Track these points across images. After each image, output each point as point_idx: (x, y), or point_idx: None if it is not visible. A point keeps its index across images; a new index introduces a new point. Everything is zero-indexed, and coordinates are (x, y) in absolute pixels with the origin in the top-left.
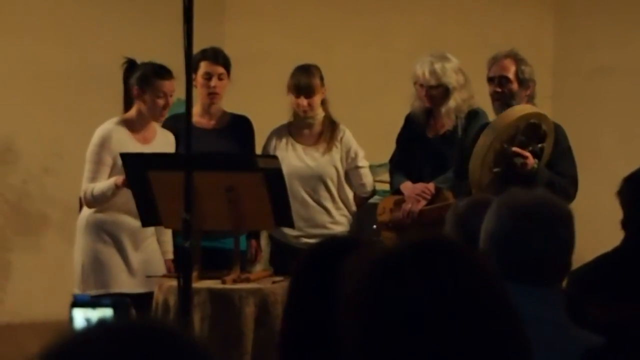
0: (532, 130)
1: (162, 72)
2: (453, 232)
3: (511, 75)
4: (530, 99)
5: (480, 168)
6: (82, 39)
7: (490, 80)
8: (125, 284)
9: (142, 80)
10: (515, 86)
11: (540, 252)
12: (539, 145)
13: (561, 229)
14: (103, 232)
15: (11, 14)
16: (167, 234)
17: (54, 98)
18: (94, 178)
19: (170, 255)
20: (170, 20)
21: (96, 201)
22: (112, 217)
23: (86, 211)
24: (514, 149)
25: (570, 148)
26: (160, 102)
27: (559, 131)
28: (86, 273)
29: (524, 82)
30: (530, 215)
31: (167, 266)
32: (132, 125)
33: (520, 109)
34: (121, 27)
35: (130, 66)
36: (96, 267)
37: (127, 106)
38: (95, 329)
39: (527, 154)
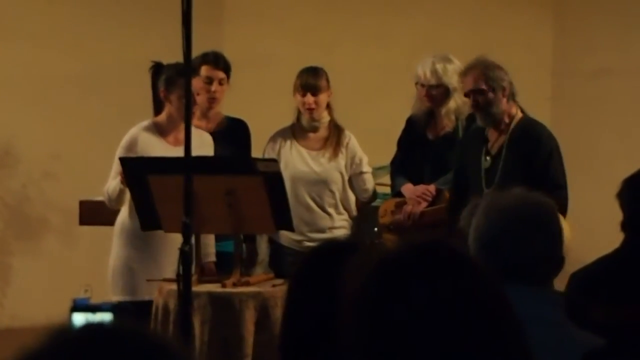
0: None
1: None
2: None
3: (483, 85)
4: (511, 98)
5: None
6: (82, 43)
7: (466, 95)
8: (153, 291)
9: (167, 81)
10: (490, 95)
11: (533, 251)
12: None
13: (550, 225)
14: (136, 238)
15: (11, 18)
16: (209, 237)
17: (53, 102)
18: (114, 178)
19: (212, 258)
20: (169, 23)
21: (110, 199)
22: None
23: (122, 216)
24: None
25: (557, 147)
26: None
27: (543, 133)
28: (115, 278)
29: (497, 87)
30: (520, 216)
31: (209, 269)
32: (162, 128)
33: None
34: (120, 30)
35: (158, 69)
36: (125, 273)
37: (157, 109)
38: (61, 336)
39: None
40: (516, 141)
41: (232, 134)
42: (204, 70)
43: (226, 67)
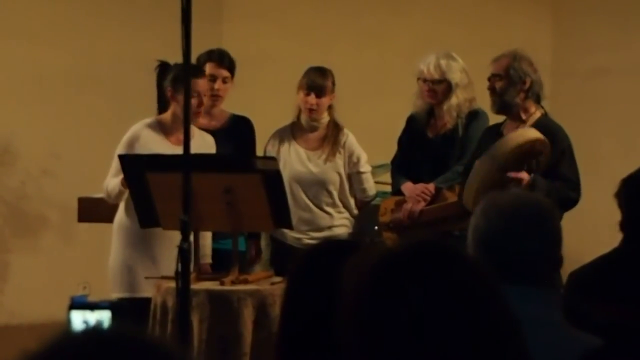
0: (528, 153)
1: (194, 71)
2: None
3: (501, 72)
4: (532, 96)
5: (474, 196)
6: (80, 40)
7: (489, 79)
8: (152, 289)
9: (174, 80)
10: (506, 83)
11: (532, 251)
12: (535, 161)
13: (549, 224)
14: (134, 236)
15: (9, 16)
16: (207, 238)
17: (52, 99)
18: (115, 175)
19: (208, 260)
20: (168, 21)
21: (110, 196)
22: None
23: (120, 214)
24: (509, 174)
25: (570, 147)
26: (194, 101)
27: (558, 133)
28: (115, 275)
29: (517, 79)
30: (518, 215)
31: (205, 270)
32: (166, 127)
33: (515, 139)
34: (119, 28)
35: (163, 68)
36: (124, 270)
37: (161, 109)
38: (64, 340)
39: (522, 175)
40: None
41: (237, 132)
42: (208, 67)
43: (230, 66)
